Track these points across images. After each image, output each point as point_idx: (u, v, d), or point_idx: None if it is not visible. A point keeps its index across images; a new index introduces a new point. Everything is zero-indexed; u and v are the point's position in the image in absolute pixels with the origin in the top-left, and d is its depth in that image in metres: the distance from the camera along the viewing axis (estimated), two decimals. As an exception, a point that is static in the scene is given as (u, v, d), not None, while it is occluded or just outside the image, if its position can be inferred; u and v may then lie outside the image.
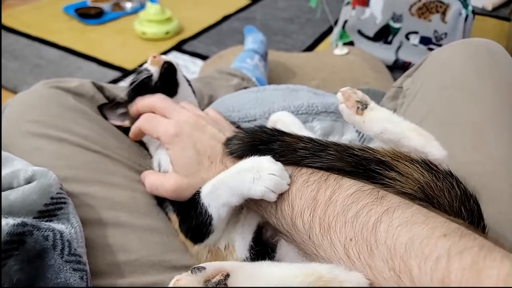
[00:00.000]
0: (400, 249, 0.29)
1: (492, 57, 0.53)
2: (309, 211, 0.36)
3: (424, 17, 1.32)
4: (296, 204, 0.37)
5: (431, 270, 0.27)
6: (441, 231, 0.29)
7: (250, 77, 1.00)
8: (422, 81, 0.58)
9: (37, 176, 0.43)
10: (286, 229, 0.38)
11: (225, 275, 0.30)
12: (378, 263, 0.30)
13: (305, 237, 0.36)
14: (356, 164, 0.39)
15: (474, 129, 0.47)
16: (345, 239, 0.32)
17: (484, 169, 0.43)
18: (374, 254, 0.30)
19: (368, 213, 0.32)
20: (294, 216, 0.37)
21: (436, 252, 0.28)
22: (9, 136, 0.53)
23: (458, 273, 0.26)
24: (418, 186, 0.36)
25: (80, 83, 0.59)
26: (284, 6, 1.98)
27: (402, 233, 0.30)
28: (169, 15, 1.67)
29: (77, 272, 0.40)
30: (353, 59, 1.32)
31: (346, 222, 0.33)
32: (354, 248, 0.31)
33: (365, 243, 0.31)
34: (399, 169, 0.37)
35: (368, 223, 0.32)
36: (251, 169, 0.39)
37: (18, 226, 0.38)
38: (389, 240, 0.30)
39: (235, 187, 0.40)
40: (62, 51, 1.57)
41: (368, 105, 0.45)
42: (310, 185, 0.37)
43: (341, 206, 0.34)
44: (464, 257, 0.27)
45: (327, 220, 0.34)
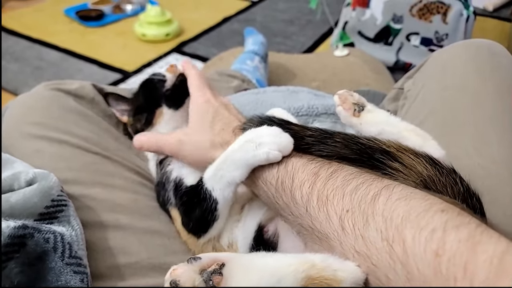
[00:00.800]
0: (396, 220, 0.29)
1: (493, 58, 0.52)
2: (308, 183, 0.36)
3: (425, 18, 1.32)
4: (297, 177, 0.37)
5: (425, 240, 0.26)
6: (439, 207, 0.29)
7: (250, 78, 1.00)
8: (423, 82, 0.58)
9: (38, 178, 0.43)
10: (285, 201, 0.38)
11: (220, 265, 0.30)
12: (372, 233, 0.29)
13: (302, 209, 0.36)
14: (361, 152, 0.39)
15: (476, 131, 0.47)
16: (341, 211, 0.32)
17: (486, 171, 0.43)
18: (369, 224, 0.30)
19: (368, 187, 0.32)
20: (294, 188, 0.37)
21: (432, 224, 0.27)
22: (10, 138, 0.53)
23: (453, 244, 0.25)
24: (420, 179, 0.36)
25: (81, 85, 0.59)
26: (284, 8, 1.98)
27: (400, 206, 0.29)
28: (169, 17, 1.68)
29: (77, 275, 0.40)
30: (353, 60, 1.32)
31: (345, 195, 0.33)
32: (350, 220, 0.31)
33: (361, 214, 0.31)
34: (403, 161, 0.38)
35: (367, 196, 0.31)
36: (252, 140, 0.40)
37: (19, 229, 0.38)
38: (386, 211, 0.30)
39: (239, 159, 0.41)
40: (63, 53, 1.57)
41: (365, 107, 0.45)
42: (315, 162, 0.38)
43: (341, 180, 0.34)
44: (460, 231, 0.26)
45: (325, 192, 0.34)
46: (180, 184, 0.49)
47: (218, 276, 0.29)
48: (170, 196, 0.50)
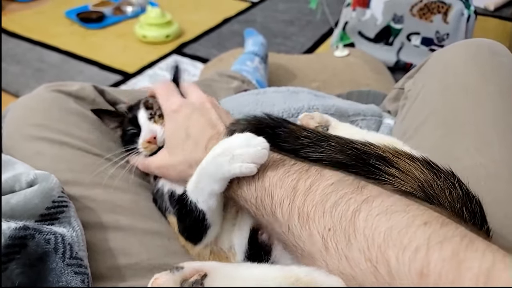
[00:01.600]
0: (378, 238, 0.28)
1: (495, 58, 0.52)
2: (288, 200, 0.34)
3: (425, 18, 1.32)
4: (276, 194, 0.36)
5: (409, 260, 0.26)
6: (422, 219, 0.28)
7: (250, 79, 1.00)
8: (423, 82, 0.58)
9: (39, 179, 0.44)
10: (266, 219, 0.37)
11: (202, 275, 0.30)
12: (355, 254, 0.29)
13: (284, 228, 0.35)
14: (356, 158, 0.38)
15: (477, 131, 0.47)
16: (323, 229, 0.31)
17: (487, 171, 0.42)
18: (351, 244, 0.29)
19: (347, 202, 0.31)
20: (274, 206, 0.36)
21: (415, 241, 0.26)
22: (11, 140, 0.53)
23: (437, 264, 0.25)
24: (418, 185, 0.36)
25: (81, 87, 0.59)
26: (284, 9, 1.98)
27: (381, 222, 0.29)
28: (169, 18, 1.68)
29: (78, 276, 0.40)
30: (353, 60, 1.32)
31: (325, 212, 0.32)
32: (332, 239, 0.30)
33: (343, 233, 0.30)
34: (399, 166, 0.37)
35: (347, 212, 0.31)
36: (224, 152, 0.38)
37: (20, 230, 0.38)
38: (367, 229, 0.29)
39: (215, 173, 0.39)
40: (64, 55, 1.58)
41: (330, 125, 0.45)
42: (291, 174, 0.36)
43: (320, 195, 0.33)
44: (444, 247, 0.26)
45: (306, 210, 0.33)
46: (173, 195, 0.50)
47: (199, 287, 0.29)
48: (168, 205, 0.50)
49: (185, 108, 0.49)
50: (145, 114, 0.54)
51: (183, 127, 0.47)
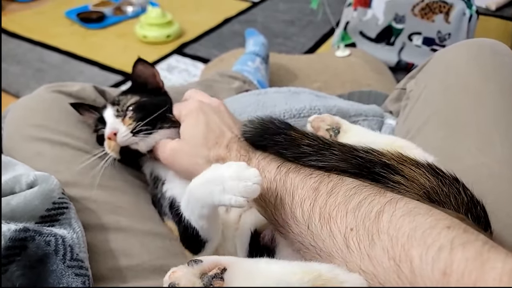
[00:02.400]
0: (402, 238, 0.28)
1: (497, 57, 0.52)
2: (309, 201, 0.35)
3: (427, 18, 1.31)
4: (297, 194, 0.36)
5: (432, 260, 0.26)
6: (445, 223, 0.28)
7: (252, 80, 1.00)
8: (425, 82, 0.58)
9: (39, 181, 0.43)
10: (284, 219, 0.37)
11: (221, 269, 0.29)
12: (378, 252, 0.29)
13: (303, 227, 0.35)
14: (361, 166, 0.38)
15: (479, 131, 0.46)
16: (345, 229, 0.31)
17: (489, 171, 0.42)
18: (375, 243, 0.29)
19: (370, 203, 0.32)
20: (294, 206, 0.36)
21: (438, 242, 0.27)
22: (11, 141, 0.53)
23: (461, 263, 0.25)
24: (423, 191, 0.36)
25: (82, 87, 0.59)
26: (285, 9, 1.98)
27: (405, 223, 0.29)
28: (170, 18, 1.68)
29: (79, 277, 0.40)
30: (355, 60, 1.32)
31: (348, 212, 0.32)
32: (354, 238, 0.31)
33: (366, 232, 0.30)
34: (405, 173, 0.37)
35: (371, 213, 0.31)
36: (215, 180, 0.37)
37: (20, 232, 0.38)
38: (391, 229, 0.29)
39: (203, 199, 0.39)
40: (64, 56, 1.58)
41: (341, 128, 0.44)
42: (313, 177, 0.37)
43: (343, 196, 0.34)
44: (467, 249, 0.26)
45: (327, 209, 0.33)
46: (173, 204, 0.49)
47: (219, 281, 0.28)
48: (166, 211, 0.50)
49: (205, 107, 0.50)
50: (111, 111, 0.52)
51: (203, 121, 0.48)
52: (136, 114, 0.51)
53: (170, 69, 1.49)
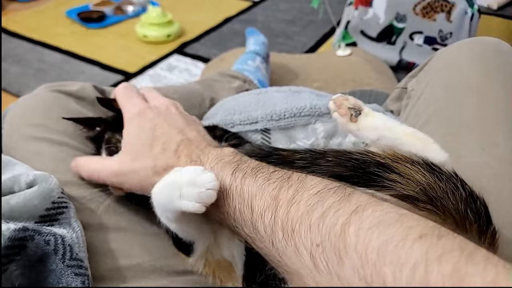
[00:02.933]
0: (372, 255, 0.26)
1: (499, 56, 0.52)
2: (270, 212, 0.32)
3: (428, 17, 1.31)
4: (255, 205, 0.33)
5: (407, 279, 0.24)
6: (417, 231, 0.26)
7: (252, 79, 0.99)
8: (427, 81, 0.58)
9: (38, 180, 0.43)
10: (247, 233, 0.34)
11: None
12: (347, 272, 0.27)
13: (267, 243, 0.32)
14: (355, 168, 0.37)
15: (481, 130, 0.46)
16: (311, 245, 0.29)
17: (492, 170, 0.42)
18: (343, 261, 0.27)
19: (335, 213, 0.29)
20: (255, 219, 0.33)
21: (412, 257, 0.25)
22: (10, 140, 0.53)
23: (438, 281, 0.23)
24: (419, 188, 0.35)
25: (82, 87, 0.59)
26: (285, 8, 1.97)
27: (374, 236, 0.27)
28: (170, 18, 1.67)
29: (78, 277, 0.40)
30: (356, 60, 1.32)
31: (311, 225, 0.29)
32: (321, 256, 0.28)
33: (333, 249, 0.28)
34: (400, 171, 0.36)
35: (336, 226, 0.28)
36: (173, 184, 0.37)
37: (19, 231, 0.38)
38: (359, 245, 0.27)
39: (165, 204, 0.38)
40: (65, 55, 1.58)
41: (362, 111, 0.44)
42: (272, 183, 0.34)
43: (305, 206, 0.31)
44: (443, 263, 0.24)
45: (290, 223, 0.30)
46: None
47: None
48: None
49: (150, 111, 0.46)
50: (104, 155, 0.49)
51: (148, 127, 0.44)
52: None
53: (170, 69, 1.49)
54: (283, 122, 0.66)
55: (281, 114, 0.66)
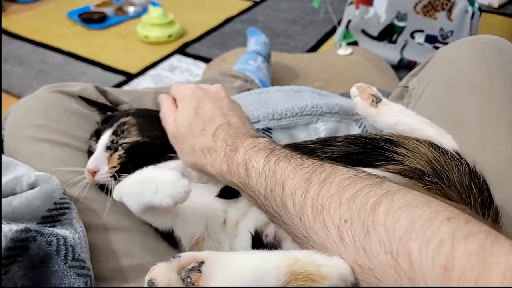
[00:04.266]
0: (400, 231, 0.27)
1: (501, 54, 0.51)
2: (301, 191, 0.34)
3: (429, 15, 1.31)
4: (287, 185, 0.35)
5: (433, 254, 0.25)
6: (445, 214, 0.27)
7: (253, 79, 0.99)
8: (428, 79, 0.57)
9: (40, 181, 0.43)
10: (275, 210, 0.36)
11: (199, 263, 0.29)
12: (374, 246, 0.28)
13: (295, 219, 0.34)
14: (365, 144, 0.39)
15: (483, 128, 0.46)
16: (339, 221, 0.30)
17: (494, 169, 0.42)
18: (370, 236, 0.28)
19: (366, 194, 0.30)
20: (285, 197, 0.35)
21: (439, 235, 0.25)
22: (12, 141, 0.53)
23: (463, 258, 0.24)
24: (425, 161, 0.37)
25: (83, 87, 0.59)
26: (286, 8, 1.97)
27: (403, 216, 0.28)
28: (171, 18, 1.68)
29: (81, 278, 0.40)
30: (357, 59, 1.31)
31: (342, 203, 0.31)
32: (348, 230, 0.29)
33: (361, 224, 0.29)
34: (407, 146, 0.38)
35: (366, 205, 0.29)
36: (149, 181, 0.42)
37: (21, 232, 0.38)
38: (388, 222, 0.28)
39: (135, 196, 0.43)
40: (66, 56, 1.58)
41: (382, 100, 0.47)
42: (305, 167, 0.35)
43: (336, 187, 0.32)
44: (469, 242, 0.25)
45: (320, 201, 0.32)
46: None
47: (196, 273, 0.28)
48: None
49: (198, 91, 0.48)
50: (106, 139, 0.49)
51: (193, 106, 0.46)
52: (126, 157, 0.48)
53: (172, 69, 1.49)
54: (285, 121, 0.66)
55: (282, 114, 0.66)
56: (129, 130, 0.50)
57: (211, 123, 0.45)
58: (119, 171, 0.47)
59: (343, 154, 0.40)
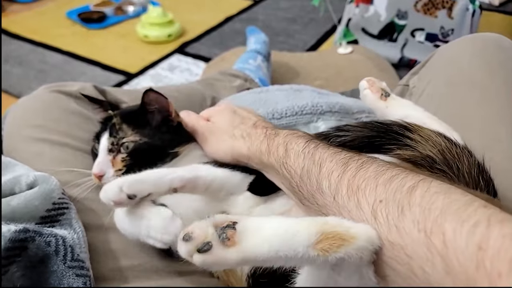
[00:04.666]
0: (435, 211, 0.27)
1: (501, 52, 0.51)
2: (337, 173, 0.35)
3: (430, 13, 1.30)
4: (325, 166, 0.36)
5: (467, 233, 0.25)
6: (481, 202, 0.27)
7: (253, 78, 0.99)
8: (429, 78, 0.57)
9: (39, 181, 0.43)
10: (309, 190, 0.37)
11: (233, 222, 0.30)
12: (407, 224, 0.28)
13: (328, 199, 0.35)
14: (378, 128, 0.40)
15: (485, 127, 0.46)
16: (374, 201, 0.31)
17: (496, 167, 0.42)
18: (405, 215, 0.28)
19: (403, 178, 0.31)
20: (321, 177, 0.36)
21: (474, 217, 0.26)
22: (11, 142, 0.53)
23: (497, 240, 0.24)
24: (438, 149, 0.37)
25: (82, 87, 0.59)
26: (286, 6, 1.97)
27: (439, 199, 0.28)
28: (171, 18, 1.67)
29: (80, 278, 0.40)
30: (357, 57, 1.31)
31: (378, 185, 0.32)
32: (383, 210, 0.30)
33: (396, 204, 0.29)
34: (420, 133, 0.39)
35: (403, 187, 0.30)
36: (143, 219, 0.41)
37: (20, 232, 0.38)
38: (424, 203, 0.28)
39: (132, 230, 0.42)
40: (66, 56, 1.58)
41: (390, 95, 0.49)
42: (343, 154, 0.37)
43: (373, 171, 0.33)
44: (505, 226, 0.25)
45: (356, 182, 0.33)
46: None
47: (231, 230, 0.29)
48: None
49: (234, 106, 0.54)
50: (106, 142, 0.49)
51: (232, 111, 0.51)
52: (130, 158, 0.48)
53: (171, 69, 1.48)
54: (285, 120, 0.66)
55: (282, 113, 0.66)
56: (122, 129, 0.50)
57: (248, 119, 0.49)
58: (126, 173, 0.47)
59: (355, 138, 0.41)
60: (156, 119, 0.51)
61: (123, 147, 0.48)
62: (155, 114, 0.51)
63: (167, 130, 0.51)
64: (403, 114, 0.46)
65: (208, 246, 0.28)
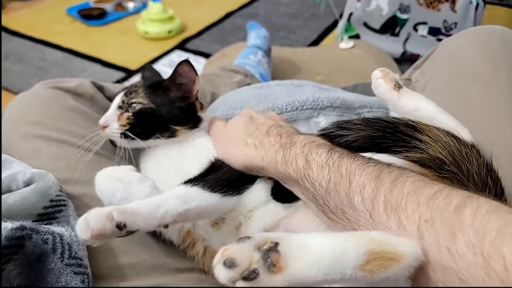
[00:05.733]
0: (491, 233, 0.26)
1: (506, 44, 0.50)
2: (371, 188, 0.33)
3: (432, 7, 1.29)
4: (354, 180, 0.34)
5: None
6: None
7: (253, 73, 0.98)
8: (431, 72, 0.56)
9: (36, 178, 0.43)
10: (337, 205, 0.35)
11: (274, 243, 0.28)
12: (460, 246, 0.27)
13: (362, 215, 0.32)
14: (384, 128, 0.39)
15: (489, 121, 0.45)
16: (418, 220, 0.29)
17: (500, 163, 0.41)
18: (456, 236, 0.27)
19: (448, 195, 0.29)
20: (352, 192, 0.34)
21: None
22: (8, 138, 0.52)
23: None
24: (448, 151, 0.36)
25: (80, 83, 0.58)
26: (287, 1, 1.95)
27: (492, 219, 0.27)
28: (171, 14, 1.66)
29: (78, 276, 0.39)
30: (359, 52, 1.30)
31: (420, 203, 0.30)
32: (430, 230, 0.28)
33: (445, 224, 0.28)
34: (428, 133, 0.38)
35: (449, 206, 0.28)
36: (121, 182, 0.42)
37: (17, 230, 0.37)
38: (477, 224, 0.27)
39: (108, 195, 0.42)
40: (66, 53, 1.57)
41: (402, 88, 0.49)
42: (372, 166, 0.35)
43: (411, 186, 0.31)
44: None
45: (394, 198, 0.31)
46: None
47: (275, 254, 0.27)
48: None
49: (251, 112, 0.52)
50: (118, 99, 0.53)
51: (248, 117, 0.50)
52: (135, 118, 0.50)
53: (172, 65, 1.48)
54: (285, 115, 0.65)
55: (283, 108, 0.65)
56: (137, 92, 0.53)
57: (264, 125, 0.47)
58: (128, 130, 0.50)
59: (360, 137, 0.39)
60: (175, 92, 0.53)
61: (131, 107, 0.51)
62: (177, 88, 0.53)
63: (178, 106, 0.53)
64: (415, 106, 0.46)
65: (255, 274, 0.26)
